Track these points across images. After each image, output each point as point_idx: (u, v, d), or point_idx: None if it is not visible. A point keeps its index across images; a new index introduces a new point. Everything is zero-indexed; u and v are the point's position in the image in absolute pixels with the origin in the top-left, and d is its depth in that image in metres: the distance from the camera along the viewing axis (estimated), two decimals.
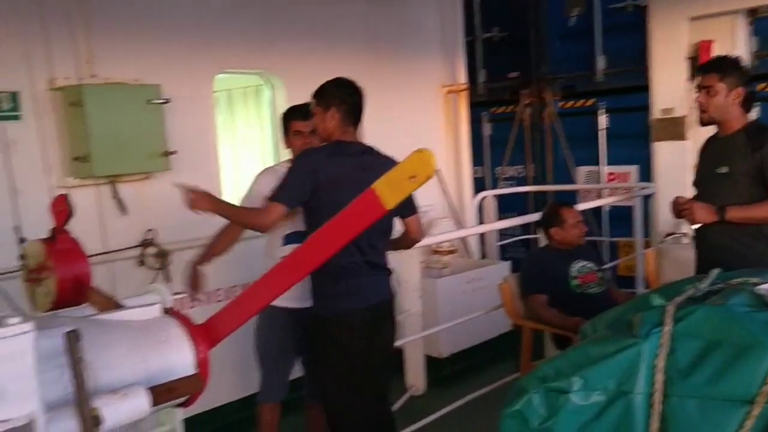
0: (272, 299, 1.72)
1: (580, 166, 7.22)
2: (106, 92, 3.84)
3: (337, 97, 3.23)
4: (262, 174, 3.63)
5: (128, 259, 4.09)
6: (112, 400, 1.43)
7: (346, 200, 3.08)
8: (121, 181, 4.04)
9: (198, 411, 3.37)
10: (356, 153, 3.20)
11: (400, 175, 1.33)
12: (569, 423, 2.00)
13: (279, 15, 4.96)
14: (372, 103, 5.51)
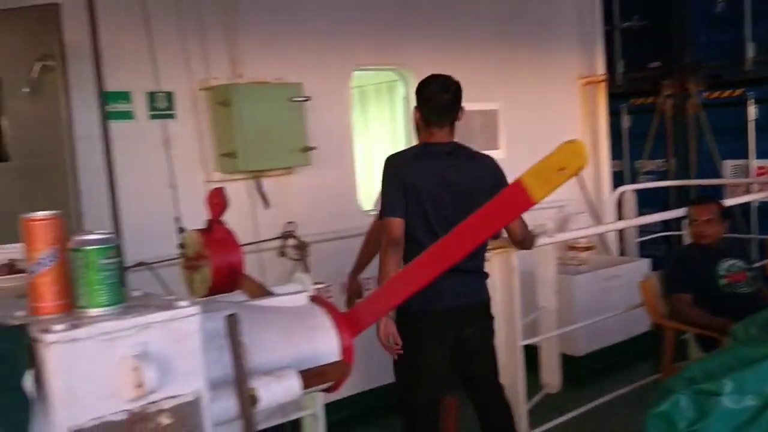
0: (414, 291, 1.75)
1: (726, 160, 6.83)
2: (252, 91, 4.02)
3: (421, 97, 3.19)
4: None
5: (269, 250, 4.26)
6: (267, 382, 1.50)
7: (429, 203, 3.13)
8: (265, 176, 4.22)
9: (337, 397, 3.47)
10: (441, 154, 3.15)
11: (549, 167, 1.32)
12: (720, 427, 1.92)
13: (413, 10, 5.00)
14: (507, 94, 5.52)
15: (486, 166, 3.21)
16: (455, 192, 3.11)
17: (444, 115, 3.15)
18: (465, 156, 3.18)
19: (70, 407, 1.14)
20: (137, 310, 1.25)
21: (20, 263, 1.60)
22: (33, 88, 3.15)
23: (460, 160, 3.15)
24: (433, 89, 3.16)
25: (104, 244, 1.24)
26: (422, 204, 3.12)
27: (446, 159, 3.15)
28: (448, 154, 3.16)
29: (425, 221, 3.13)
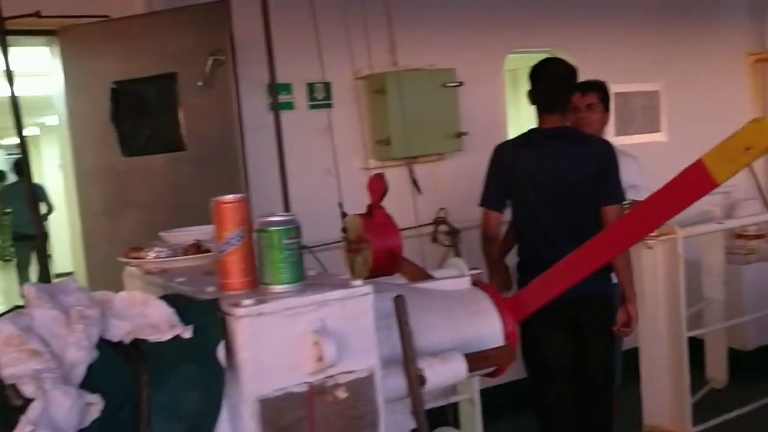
0: (581, 278, 1.71)
1: None
2: (406, 79, 4.08)
3: (530, 82, 3.14)
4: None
5: (422, 236, 4.31)
6: (433, 363, 1.53)
7: (529, 191, 3.09)
8: (417, 162, 4.27)
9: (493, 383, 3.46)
10: (544, 140, 3.08)
11: (735, 147, 1.24)
12: None
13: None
14: (669, 74, 5.25)
15: (593, 153, 3.08)
16: (554, 179, 3.05)
17: (551, 103, 3.09)
18: (570, 141, 3.08)
19: (257, 378, 1.21)
20: (316, 288, 1.31)
21: (205, 243, 1.72)
22: (206, 82, 3.35)
23: (563, 146, 3.07)
24: (542, 76, 3.11)
25: (286, 225, 1.30)
26: (523, 192, 3.12)
27: (549, 145, 3.08)
28: (552, 140, 3.08)
29: (526, 209, 3.13)
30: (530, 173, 3.11)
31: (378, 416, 1.33)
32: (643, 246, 3.26)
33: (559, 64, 3.18)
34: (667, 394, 3.30)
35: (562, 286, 1.72)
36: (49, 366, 1.05)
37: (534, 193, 3.12)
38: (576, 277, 1.66)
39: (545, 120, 3.12)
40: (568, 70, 3.12)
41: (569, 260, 1.66)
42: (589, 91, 3.49)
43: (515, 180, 3.14)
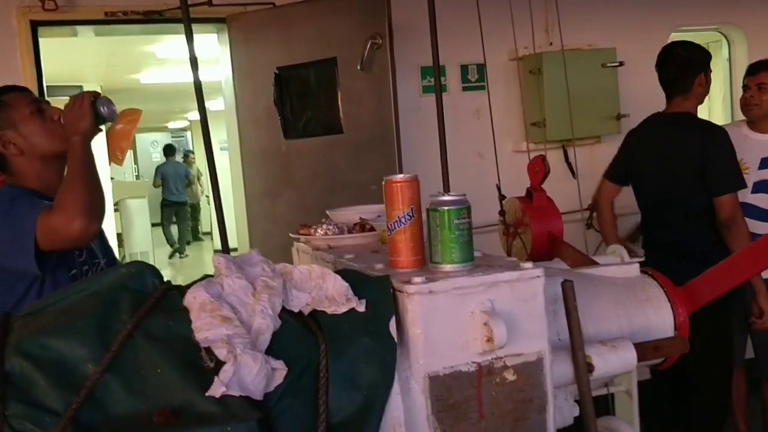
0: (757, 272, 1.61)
1: None
2: (563, 59, 3.95)
3: (656, 67, 3.25)
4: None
5: (576, 222, 4.19)
6: (602, 350, 1.49)
7: (644, 176, 3.21)
8: (574, 145, 4.15)
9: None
10: (661, 126, 3.17)
11: None
12: None
13: None
14: None
15: (704, 140, 3.06)
16: (665, 166, 3.13)
17: (670, 87, 3.19)
18: (684, 128, 3.11)
19: (427, 354, 1.23)
20: (485, 269, 1.31)
21: (369, 222, 1.76)
22: (363, 66, 3.42)
23: (677, 133, 3.11)
24: (663, 60, 3.21)
25: (458, 205, 1.31)
26: (640, 176, 3.28)
27: (664, 132, 3.16)
28: (668, 126, 3.15)
29: (644, 194, 3.29)
30: (644, 159, 3.24)
31: (547, 401, 1.32)
32: None
33: (680, 46, 3.22)
34: None
35: (738, 279, 1.63)
36: (239, 332, 1.12)
37: (647, 179, 3.26)
38: (752, 271, 1.56)
39: (668, 104, 3.22)
40: (691, 53, 3.16)
41: (746, 253, 1.56)
42: (759, 72, 3.38)
43: (634, 165, 3.30)
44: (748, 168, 3.33)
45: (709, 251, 3.09)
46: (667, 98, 3.21)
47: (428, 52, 3.78)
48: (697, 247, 3.10)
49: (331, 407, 1.15)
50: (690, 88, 3.14)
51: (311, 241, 1.76)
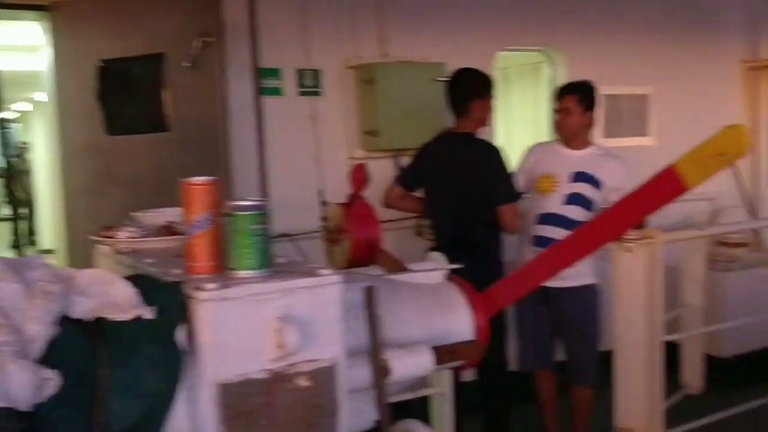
0: (551, 275, 1.73)
1: None
2: (397, 70, 4.07)
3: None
4: (532, 149, 3.78)
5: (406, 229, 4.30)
6: (400, 354, 1.53)
7: (432, 188, 3.55)
8: (405, 155, 4.26)
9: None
10: (446, 142, 3.51)
11: (707, 152, 1.25)
12: None
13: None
14: (660, 78, 5.25)
15: (480, 156, 3.44)
16: (446, 179, 3.46)
17: (452, 108, 3.49)
18: (461, 144, 3.46)
19: (217, 362, 1.21)
20: (283, 275, 1.31)
21: (178, 226, 1.71)
22: (193, 63, 3.34)
23: (456, 149, 3.46)
24: (449, 84, 3.52)
25: (255, 211, 1.30)
26: (430, 187, 3.58)
27: (446, 147, 3.50)
28: (450, 143, 3.49)
29: (429, 202, 3.59)
30: (432, 171, 3.53)
31: (338, 406, 1.33)
32: (623, 248, 3.26)
33: (464, 73, 3.53)
34: (640, 398, 3.30)
35: (534, 284, 1.73)
36: (7, 339, 1.05)
37: (436, 189, 3.54)
38: (547, 275, 1.67)
39: (454, 124, 3.53)
40: (470, 79, 3.48)
41: (540, 259, 1.67)
42: (565, 95, 3.59)
43: (423, 175, 3.57)
44: (560, 181, 3.57)
45: (498, 257, 3.49)
46: (454, 117, 3.52)
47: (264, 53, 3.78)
48: (487, 254, 3.39)
49: (112, 416, 1.10)
50: (467, 112, 3.45)
51: (114, 244, 1.68)
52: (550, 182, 3.57)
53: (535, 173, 3.64)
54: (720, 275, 4.82)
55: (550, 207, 3.53)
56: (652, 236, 3.26)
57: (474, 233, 3.41)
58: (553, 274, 1.72)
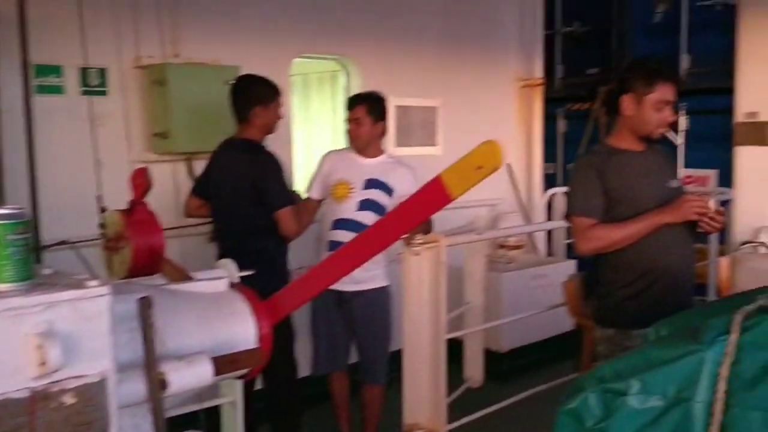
0: (334, 281, 1.77)
1: None
2: (188, 72, 3.96)
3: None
4: (327, 156, 3.86)
5: (200, 236, 4.20)
6: (178, 366, 1.50)
7: (214, 195, 3.61)
8: (198, 158, 4.16)
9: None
10: (230, 148, 3.57)
11: (467, 165, 1.35)
12: (625, 425, 1.97)
13: (359, 3, 5.01)
14: (448, 92, 5.57)
15: (252, 163, 3.48)
16: (227, 184, 3.53)
17: (233, 113, 3.53)
18: (241, 152, 3.50)
19: None
20: (45, 288, 1.23)
21: None
22: None
23: (234, 155, 3.51)
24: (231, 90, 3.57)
25: (12, 219, 1.21)
26: (211, 193, 3.64)
27: (227, 153, 3.56)
28: (230, 149, 3.54)
29: (213, 208, 3.66)
30: (216, 178, 3.58)
31: (108, 422, 1.28)
32: (411, 252, 3.43)
33: (245, 79, 3.59)
34: (426, 393, 3.49)
35: (318, 289, 1.77)
36: None
37: (217, 196, 3.59)
38: (330, 280, 1.71)
39: (237, 130, 3.55)
40: (250, 86, 3.51)
41: (323, 266, 1.70)
42: (355, 106, 3.70)
43: (210, 182, 3.62)
44: (354, 188, 3.67)
45: (282, 264, 3.55)
46: (237, 124, 3.54)
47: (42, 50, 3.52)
48: (271, 261, 3.43)
49: None
50: (249, 119, 3.48)
51: None
52: (345, 189, 3.67)
53: (331, 180, 3.72)
54: (499, 275, 5.20)
55: (345, 213, 3.63)
56: (436, 240, 3.47)
57: (255, 241, 3.42)
58: (335, 280, 1.77)
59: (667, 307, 2.62)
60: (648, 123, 2.80)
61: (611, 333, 2.93)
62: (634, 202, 2.79)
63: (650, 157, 2.90)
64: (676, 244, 2.84)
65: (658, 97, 2.77)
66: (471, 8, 5.78)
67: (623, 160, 2.85)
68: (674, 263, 2.84)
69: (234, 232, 3.50)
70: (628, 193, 2.81)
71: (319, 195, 3.77)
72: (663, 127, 2.83)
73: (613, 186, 2.79)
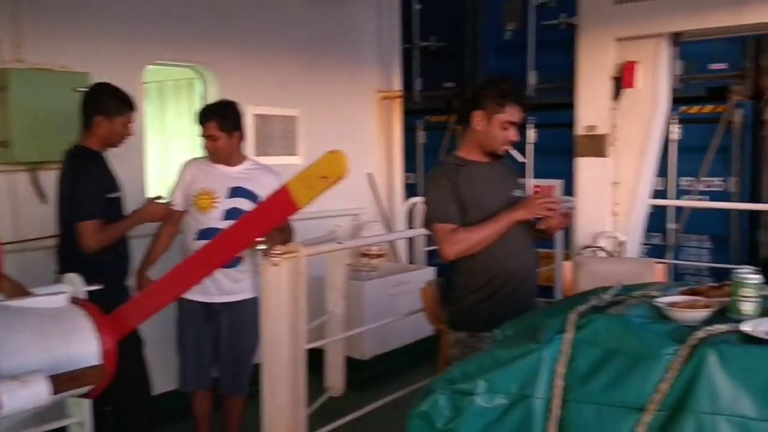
0: (181, 292, 1.74)
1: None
2: (32, 78, 3.76)
3: None
4: (188, 165, 3.76)
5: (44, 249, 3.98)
6: (11, 386, 1.42)
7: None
8: (43, 169, 3.95)
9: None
10: (64, 158, 3.45)
11: (313, 175, 1.37)
12: (472, 424, 2.06)
13: (216, 10, 4.94)
14: (308, 102, 5.59)
15: (66, 171, 3.43)
16: (60, 200, 3.43)
17: (80, 119, 3.44)
18: (67, 161, 3.42)
19: None
20: None
21: None
22: None
23: (64, 166, 3.43)
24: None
25: None
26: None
27: (63, 165, 3.44)
28: (65, 160, 3.42)
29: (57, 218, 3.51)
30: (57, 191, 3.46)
31: None
32: (270, 263, 3.40)
33: (95, 87, 3.51)
34: (285, 404, 3.47)
35: (164, 302, 1.73)
36: None
37: (57, 211, 3.47)
38: (175, 293, 1.68)
39: (80, 137, 3.45)
40: (98, 95, 3.43)
41: (168, 278, 1.67)
42: (206, 123, 3.63)
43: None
44: (218, 197, 3.60)
45: (120, 277, 3.45)
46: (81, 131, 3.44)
47: None
48: (110, 274, 3.30)
49: None
50: (90, 127, 3.39)
51: None
52: (208, 199, 3.60)
53: (193, 189, 3.64)
54: (361, 283, 5.27)
55: (210, 222, 3.56)
56: (295, 250, 3.47)
57: (89, 254, 3.29)
58: (183, 290, 1.74)
59: (514, 308, 2.79)
60: (495, 140, 2.98)
61: (464, 336, 3.05)
62: (484, 209, 2.96)
63: (496, 169, 3.08)
64: (521, 249, 3.04)
65: (506, 118, 2.96)
66: (332, 19, 5.85)
67: (472, 170, 3.01)
68: (520, 267, 3.04)
69: (65, 243, 3.37)
70: (478, 200, 2.97)
71: (182, 206, 3.67)
72: (507, 144, 3.03)
73: (465, 194, 2.95)
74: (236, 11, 5.06)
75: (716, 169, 6.10)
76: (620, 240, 4.28)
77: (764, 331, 1.84)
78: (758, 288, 2.01)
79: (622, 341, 2.00)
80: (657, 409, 1.85)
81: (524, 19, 7.10)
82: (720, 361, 1.79)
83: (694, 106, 6.16)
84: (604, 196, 4.41)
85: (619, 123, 4.32)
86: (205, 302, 3.60)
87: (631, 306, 2.21)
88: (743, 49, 6.03)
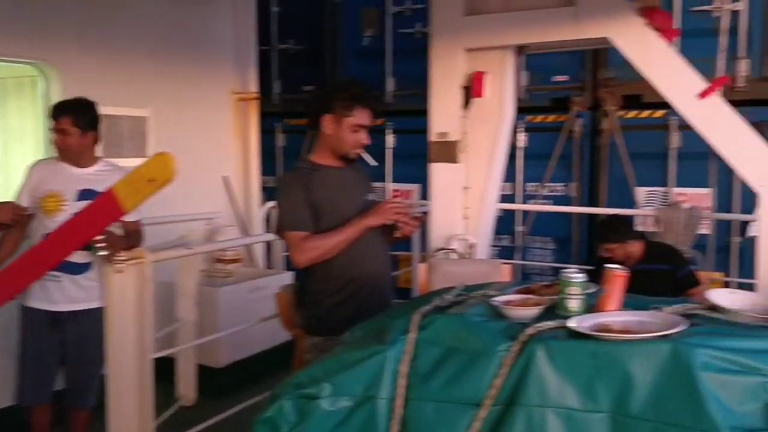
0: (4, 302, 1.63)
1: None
2: None
3: None
4: (35, 166, 3.55)
5: None
6: None
7: None
8: None
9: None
10: None
11: (140, 178, 1.32)
12: (317, 429, 2.06)
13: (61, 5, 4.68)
14: (160, 102, 5.41)
15: None
16: None
17: None
18: None
19: None
20: None
21: None
22: None
23: None
24: None
25: None
26: None
27: None
28: None
29: None
30: None
31: None
32: (114, 270, 3.25)
33: None
34: (132, 415, 3.33)
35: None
36: None
37: None
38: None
39: None
40: None
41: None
42: (60, 117, 3.46)
43: None
44: (66, 200, 3.38)
45: None
46: None
47: None
48: None
49: None
50: None
51: None
52: (56, 201, 3.38)
53: (40, 192, 3.42)
54: (216, 290, 5.14)
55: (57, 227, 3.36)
56: (141, 256, 3.33)
57: None
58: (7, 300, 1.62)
59: (371, 311, 2.81)
60: (345, 143, 3.00)
61: (318, 341, 3.05)
62: (337, 214, 2.97)
63: (349, 174, 3.10)
64: (376, 252, 3.08)
65: (355, 121, 2.98)
66: (186, 18, 5.70)
67: (324, 175, 3.01)
68: (376, 270, 3.08)
69: None
70: (332, 205, 2.98)
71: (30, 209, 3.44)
72: (358, 148, 3.05)
73: (318, 199, 2.94)
74: (85, 7, 4.82)
75: (559, 175, 6.47)
76: (471, 242, 4.43)
77: (587, 326, 1.96)
78: (583, 286, 2.15)
79: (461, 339, 2.08)
80: (492, 404, 1.93)
81: (382, 25, 7.21)
82: (547, 355, 1.89)
83: (539, 115, 6.50)
84: (455, 201, 4.54)
85: (469, 130, 4.47)
86: (50, 311, 3.38)
87: (471, 305, 2.30)
88: (583, 63, 6.43)
